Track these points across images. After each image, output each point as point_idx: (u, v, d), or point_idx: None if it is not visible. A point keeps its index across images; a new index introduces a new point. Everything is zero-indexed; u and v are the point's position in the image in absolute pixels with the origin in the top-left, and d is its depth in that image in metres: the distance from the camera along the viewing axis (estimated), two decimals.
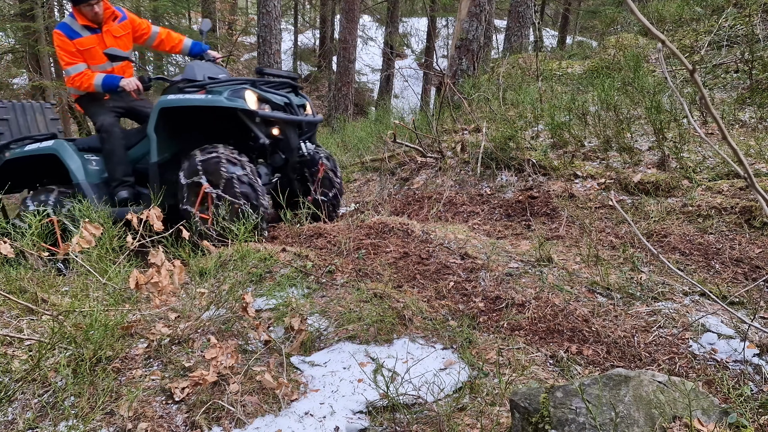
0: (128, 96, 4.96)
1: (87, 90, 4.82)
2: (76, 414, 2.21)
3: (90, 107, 4.96)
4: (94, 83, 4.74)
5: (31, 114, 5.49)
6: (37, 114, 5.57)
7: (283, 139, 4.62)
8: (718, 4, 8.32)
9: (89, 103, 4.96)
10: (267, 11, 10.44)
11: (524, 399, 1.92)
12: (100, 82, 4.73)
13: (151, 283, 2.64)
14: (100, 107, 4.92)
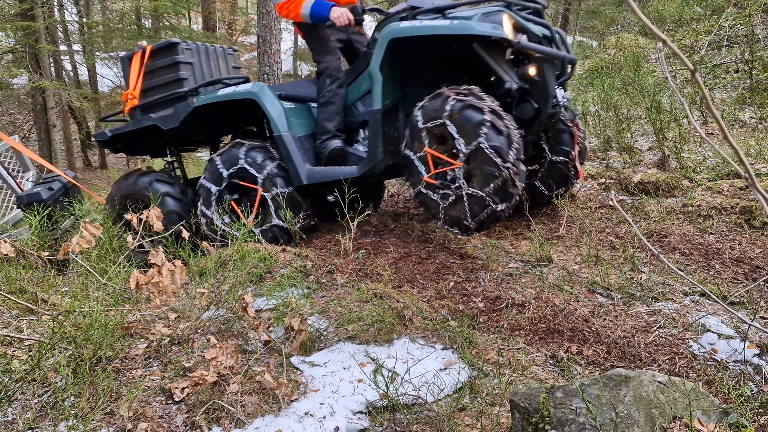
0: (350, 27, 4.22)
1: (295, 20, 4.20)
2: (76, 414, 2.21)
3: (314, 40, 4.28)
4: (302, 11, 4.07)
5: (214, 59, 4.88)
6: (220, 59, 4.98)
7: (539, 82, 3.56)
8: (718, 4, 8.32)
9: (312, 35, 4.25)
10: (267, 11, 10.44)
11: (524, 399, 1.91)
12: (308, 10, 4.04)
13: (152, 283, 2.64)
14: (325, 43, 4.23)
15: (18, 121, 13.61)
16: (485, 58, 3.51)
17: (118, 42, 12.69)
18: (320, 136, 4.16)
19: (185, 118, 4.32)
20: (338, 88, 4.14)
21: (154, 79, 4.55)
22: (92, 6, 14.83)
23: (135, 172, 4.72)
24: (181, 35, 13.52)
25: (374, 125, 3.82)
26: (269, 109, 4.07)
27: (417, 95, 3.74)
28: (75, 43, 13.29)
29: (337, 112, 4.12)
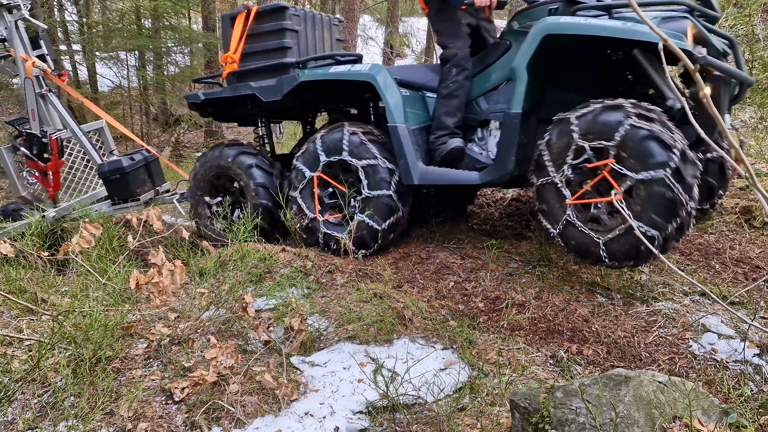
0: (481, 11, 3.88)
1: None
2: (76, 414, 2.20)
3: (443, 21, 3.78)
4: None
5: (320, 29, 4.47)
6: (325, 30, 4.55)
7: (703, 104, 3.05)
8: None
9: (442, 16, 3.78)
10: None
11: (524, 399, 1.91)
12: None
13: (152, 283, 2.64)
14: (456, 27, 3.73)
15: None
16: (648, 68, 3.00)
17: (117, 42, 12.69)
18: (436, 131, 3.75)
19: (289, 91, 4.00)
20: (465, 80, 3.68)
21: (256, 44, 4.20)
22: (92, 6, 14.83)
23: (220, 145, 4.46)
24: (181, 35, 13.53)
25: (509, 130, 3.37)
26: (387, 96, 3.67)
27: (557, 100, 3.39)
28: (75, 43, 13.27)
29: (459, 107, 3.70)
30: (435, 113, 3.79)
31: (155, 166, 4.99)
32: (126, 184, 4.65)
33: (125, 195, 4.70)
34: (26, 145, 4.91)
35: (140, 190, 4.76)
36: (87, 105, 5.57)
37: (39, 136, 4.82)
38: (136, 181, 4.73)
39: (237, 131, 15.83)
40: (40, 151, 4.84)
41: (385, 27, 16.62)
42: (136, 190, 4.72)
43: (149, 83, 13.56)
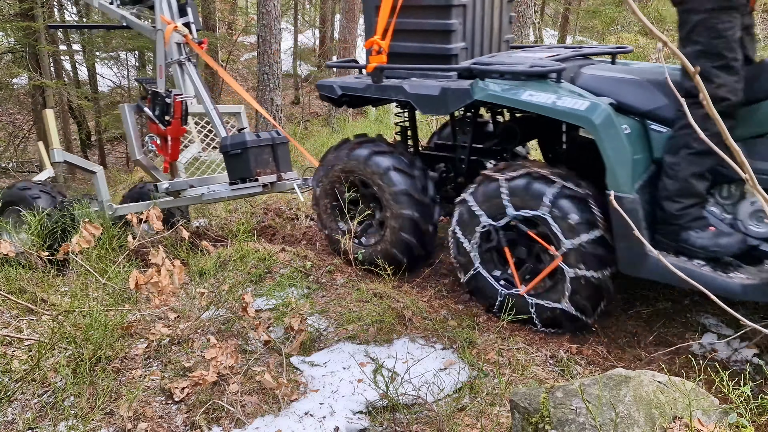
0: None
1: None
2: (76, 414, 2.20)
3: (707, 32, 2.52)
4: None
5: (489, 3, 3.41)
6: (495, 8, 3.49)
7: None
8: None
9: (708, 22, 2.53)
10: (267, 11, 10.44)
11: (524, 399, 1.91)
12: None
13: (151, 283, 2.64)
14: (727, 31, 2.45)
15: (18, 121, 13.60)
16: None
17: (117, 42, 12.69)
18: (681, 199, 2.57)
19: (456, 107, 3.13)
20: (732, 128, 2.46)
21: (409, 22, 3.25)
22: (92, 6, 14.83)
23: (346, 142, 3.72)
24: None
25: None
26: (610, 152, 2.58)
27: None
28: (75, 43, 13.28)
29: (714, 164, 2.52)
30: (678, 171, 2.56)
31: (282, 151, 4.41)
32: (245, 161, 4.14)
33: (243, 173, 4.20)
34: (150, 105, 4.49)
35: (261, 170, 4.23)
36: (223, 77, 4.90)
37: (163, 95, 4.41)
38: (257, 160, 4.19)
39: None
40: (162, 111, 4.41)
41: None
42: (256, 170, 4.20)
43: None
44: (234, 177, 4.25)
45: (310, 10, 22.51)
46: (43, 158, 5.61)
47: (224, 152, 4.20)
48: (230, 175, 4.29)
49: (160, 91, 4.44)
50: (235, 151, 4.11)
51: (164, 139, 4.51)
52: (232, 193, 4.29)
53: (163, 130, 4.43)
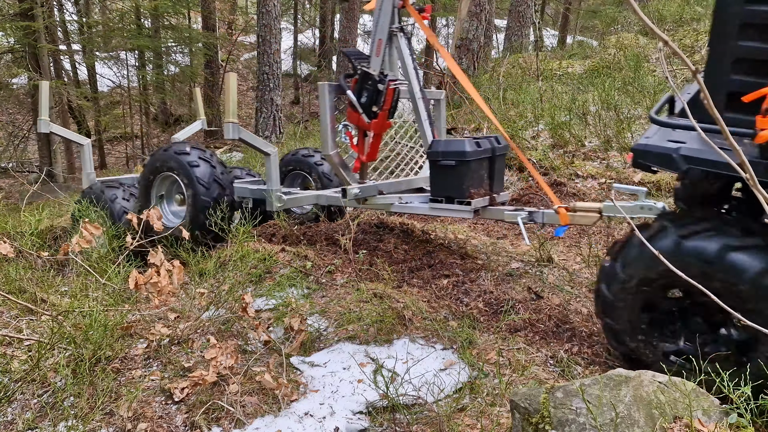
0: None
1: None
2: (76, 414, 2.20)
3: None
4: None
5: None
6: None
7: None
8: None
9: None
10: (267, 11, 10.44)
11: (524, 399, 1.91)
12: None
13: (151, 283, 2.64)
14: None
15: (18, 121, 13.61)
16: None
17: (117, 41, 12.69)
18: None
19: None
20: None
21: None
22: (92, 6, 14.83)
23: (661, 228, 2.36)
24: (180, 34, 13.54)
25: None
26: None
27: None
28: (74, 43, 13.28)
29: None
30: None
31: (500, 164, 3.52)
32: (460, 176, 3.26)
33: (453, 191, 3.31)
34: (355, 88, 3.61)
35: (475, 191, 3.34)
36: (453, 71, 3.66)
37: (376, 78, 3.47)
38: (473, 178, 3.32)
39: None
40: (370, 99, 3.53)
41: None
42: (470, 190, 3.31)
43: (149, 83, 13.57)
44: (438, 192, 3.40)
45: (310, 10, 22.51)
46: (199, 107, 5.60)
47: (433, 159, 3.37)
48: (433, 189, 3.44)
49: (372, 73, 3.48)
50: (447, 162, 3.28)
51: (363, 133, 3.68)
52: (431, 211, 3.49)
53: (367, 123, 3.55)
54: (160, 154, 4.01)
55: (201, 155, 3.86)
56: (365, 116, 3.56)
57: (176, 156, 3.86)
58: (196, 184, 3.75)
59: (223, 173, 3.89)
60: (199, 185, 3.75)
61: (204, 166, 3.80)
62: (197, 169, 3.78)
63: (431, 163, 3.40)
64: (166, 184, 4.10)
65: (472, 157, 3.24)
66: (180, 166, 3.83)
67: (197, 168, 3.78)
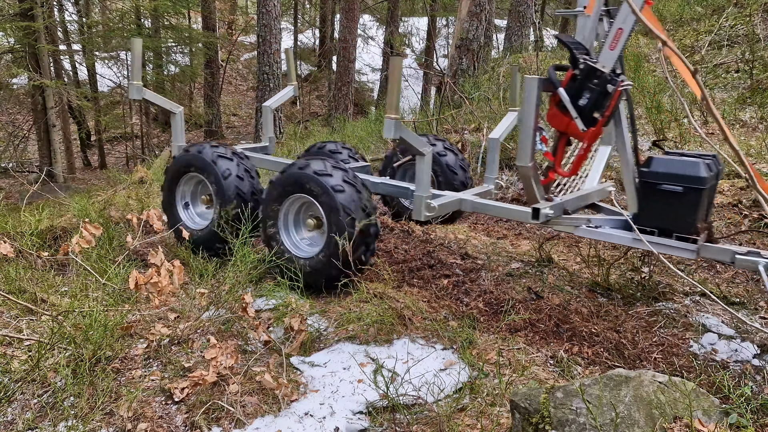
0: None
1: None
2: (76, 414, 2.20)
3: None
4: None
5: None
6: None
7: None
8: (718, 4, 8.31)
9: None
10: (267, 11, 10.44)
11: (524, 399, 1.91)
12: None
13: (151, 283, 2.64)
14: None
15: (18, 121, 13.61)
16: None
17: (117, 41, 12.69)
18: None
19: None
20: None
21: None
22: (92, 6, 14.83)
23: None
24: (180, 34, 13.54)
25: None
26: None
27: None
28: (74, 43, 13.29)
29: None
30: None
31: (713, 190, 2.88)
32: (689, 207, 2.70)
33: (679, 225, 2.75)
34: (571, 85, 2.95)
35: (701, 225, 2.77)
36: None
37: (606, 77, 2.82)
38: (702, 208, 2.74)
39: (237, 131, 15.85)
40: (592, 102, 2.88)
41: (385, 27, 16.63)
42: (697, 224, 2.73)
43: (149, 83, 13.57)
44: (651, 221, 2.81)
45: (310, 10, 22.53)
46: (291, 69, 5.13)
47: (650, 181, 2.80)
48: (644, 215, 2.85)
49: (603, 70, 2.84)
50: (672, 187, 2.71)
51: (565, 140, 3.10)
52: (634, 243, 2.89)
53: (582, 131, 2.92)
54: (294, 171, 3.32)
55: (345, 177, 3.24)
56: (580, 122, 2.90)
57: (316, 177, 3.20)
58: (339, 213, 3.12)
59: (370, 197, 3.31)
60: (344, 214, 3.12)
61: (349, 191, 3.19)
62: (341, 195, 3.15)
63: (645, 184, 2.81)
64: (297, 205, 3.47)
65: (707, 184, 2.68)
66: (322, 190, 3.19)
67: (342, 194, 3.15)
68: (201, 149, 3.79)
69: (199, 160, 3.75)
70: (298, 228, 3.51)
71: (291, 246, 3.42)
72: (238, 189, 3.66)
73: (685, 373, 2.57)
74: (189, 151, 3.85)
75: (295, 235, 3.49)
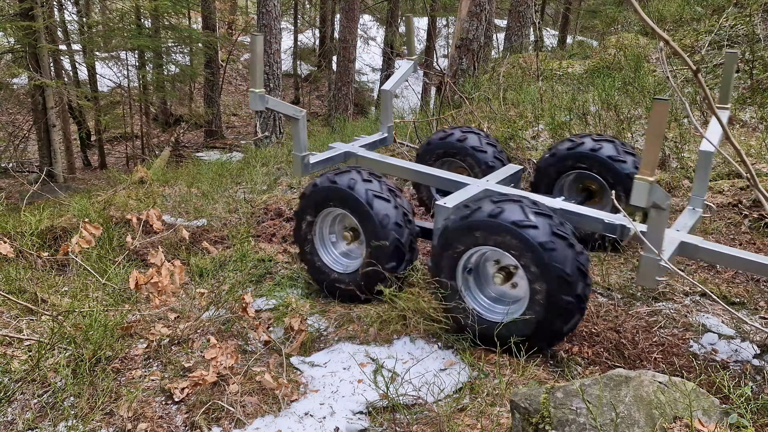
0: None
1: None
2: (76, 414, 2.20)
3: None
4: None
5: None
6: None
7: None
8: (718, 4, 8.31)
9: None
10: (267, 11, 10.44)
11: (524, 399, 1.91)
12: None
13: (151, 283, 2.64)
14: None
15: (18, 121, 13.61)
16: None
17: (117, 41, 12.69)
18: None
19: None
20: None
21: None
22: (92, 5, 14.83)
23: None
24: (180, 34, 13.53)
25: None
26: None
27: None
28: (75, 43, 13.29)
29: None
30: None
31: None
32: None
33: None
34: None
35: None
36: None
37: None
38: None
39: (237, 131, 15.84)
40: None
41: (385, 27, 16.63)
42: None
43: (149, 83, 13.57)
44: None
45: (310, 10, 22.53)
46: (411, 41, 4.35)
47: None
48: None
49: None
50: None
51: None
52: None
53: None
54: (481, 218, 2.62)
55: (557, 229, 2.53)
56: None
57: (517, 230, 2.51)
58: (551, 278, 2.48)
59: (583, 253, 2.57)
60: (559, 281, 2.47)
61: (561, 248, 2.49)
62: (554, 254, 2.47)
63: None
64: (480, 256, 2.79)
65: None
66: (525, 247, 2.51)
67: (554, 252, 2.47)
68: (352, 184, 3.06)
69: (350, 199, 3.05)
70: (483, 285, 2.82)
71: (478, 307, 2.75)
72: (397, 241, 3.00)
73: (685, 373, 2.57)
74: (336, 183, 3.11)
75: (480, 295, 2.80)
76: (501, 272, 2.70)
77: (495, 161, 3.85)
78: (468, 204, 2.80)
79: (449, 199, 3.05)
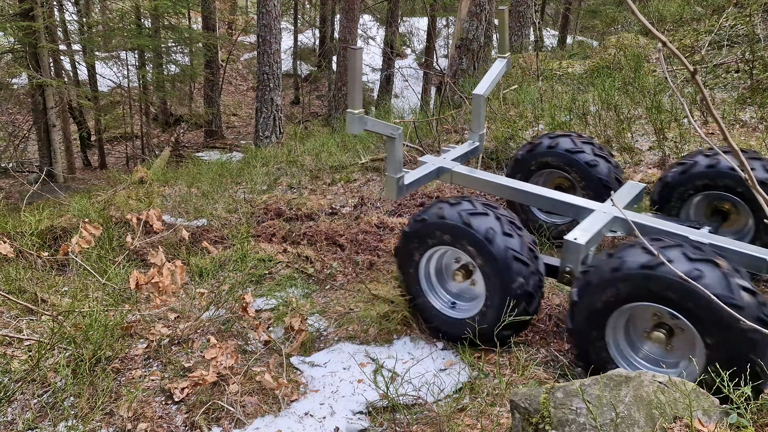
0: None
1: None
2: (76, 414, 2.20)
3: None
4: None
5: None
6: None
7: None
8: (718, 4, 8.31)
9: None
10: (267, 11, 10.44)
11: (524, 399, 1.91)
12: None
13: (152, 283, 2.64)
14: None
15: (18, 121, 13.61)
16: None
17: (117, 41, 12.69)
18: None
19: None
20: None
21: None
22: (92, 5, 14.83)
23: None
24: (180, 34, 13.53)
25: None
26: None
27: None
28: (75, 43, 13.29)
29: None
30: None
31: None
32: None
33: None
34: None
35: None
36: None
37: None
38: None
39: (237, 131, 15.84)
40: None
41: (385, 27, 16.63)
42: None
43: (149, 83, 13.56)
44: None
45: (310, 10, 22.52)
46: (504, 36, 3.88)
47: None
48: None
49: None
50: None
51: None
52: None
53: None
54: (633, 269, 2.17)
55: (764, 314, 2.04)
56: None
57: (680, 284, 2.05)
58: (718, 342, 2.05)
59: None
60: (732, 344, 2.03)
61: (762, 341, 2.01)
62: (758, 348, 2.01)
63: None
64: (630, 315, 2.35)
65: None
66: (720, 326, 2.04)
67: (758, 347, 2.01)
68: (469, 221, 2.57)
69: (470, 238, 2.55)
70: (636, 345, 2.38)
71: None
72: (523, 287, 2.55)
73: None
74: (445, 218, 2.63)
75: (634, 357, 2.37)
76: (661, 332, 2.25)
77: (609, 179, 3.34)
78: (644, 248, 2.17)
79: (580, 233, 2.61)
